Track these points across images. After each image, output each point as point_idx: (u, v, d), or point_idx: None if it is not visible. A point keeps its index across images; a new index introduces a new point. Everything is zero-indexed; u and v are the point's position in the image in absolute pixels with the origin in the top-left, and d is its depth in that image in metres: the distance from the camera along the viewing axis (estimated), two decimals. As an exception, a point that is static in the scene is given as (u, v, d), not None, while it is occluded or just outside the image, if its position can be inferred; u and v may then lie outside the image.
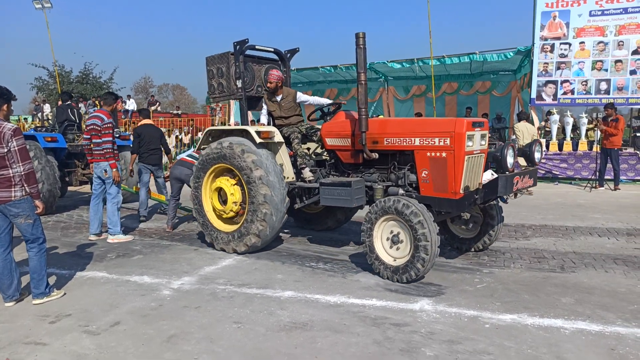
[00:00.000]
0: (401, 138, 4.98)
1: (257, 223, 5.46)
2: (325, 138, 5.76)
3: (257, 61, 6.51)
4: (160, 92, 53.69)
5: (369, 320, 3.76)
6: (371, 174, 5.42)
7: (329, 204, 5.36)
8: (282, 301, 4.22)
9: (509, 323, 3.66)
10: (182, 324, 3.76)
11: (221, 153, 5.73)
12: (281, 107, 6.15)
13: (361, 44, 4.81)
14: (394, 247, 4.64)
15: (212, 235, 5.98)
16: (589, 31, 12.36)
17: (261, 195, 5.37)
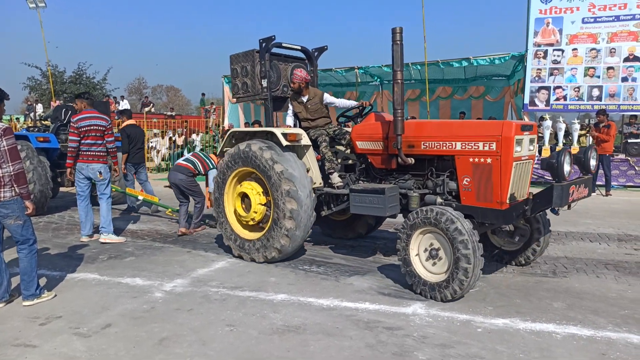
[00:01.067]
0: (440, 142, 4.65)
1: (280, 237, 5.17)
2: (356, 141, 5.44)
3: (283, 60, 6.23)
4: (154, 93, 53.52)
5: (362, 324, 3.76)
6: (405, 181, 5.07)
7: (360, 212, 5.00)
8: (275, 304, 4.21)
9: (501, 327, 3.67)
10: (174, 327, 3.74)
11: (247, 156, 5.41)
12: (307, 109, 5.85)
13: (398, 40, 4.50)
14: (430, 261, 4.28)
15: (231, 240, 5.71)
16: (581, 38, 12.47)
17: (287, 210, 5.06)
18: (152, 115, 22.73)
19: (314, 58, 6.40)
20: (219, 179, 5.78)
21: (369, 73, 16.72)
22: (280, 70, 6.16)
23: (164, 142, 19.63)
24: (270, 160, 5.17)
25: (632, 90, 12.24)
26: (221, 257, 5.81)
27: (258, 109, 20.40)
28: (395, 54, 4.52)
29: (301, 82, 5.74)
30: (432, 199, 4.76)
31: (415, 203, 4.75)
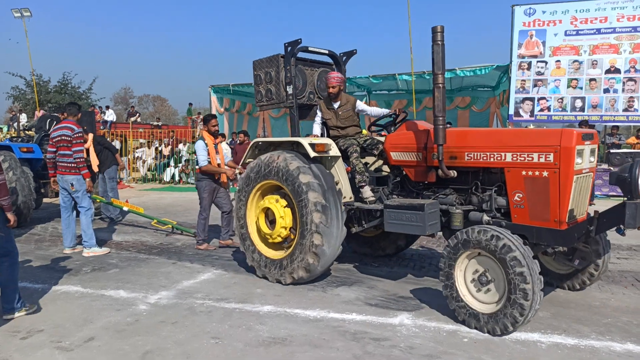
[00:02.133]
0: (487, 153, 4.18)
1: (307, 255, 4.74)
2: (390, 152, 4.96)
3: (309, 65, 5.83)
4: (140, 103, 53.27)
5: (349, 335, 3.75)
6: (446, 195, 4.59)
7: (396, 230, 4.54)
8: (261, 316, 4.17)
9: (487, 337, 3.68)
10: (158, 340, 3.68)
11: (271, 168, 5.04)
12: (338, 116, 5.43)
13: (439, 40, 4.10)
14: (481, 290, 3.79)
15: (253, 259, 5.31)
16: (564, 50, 12.72)
17: (314, 224, 4.66)
18: (138, 125, 22.59)
19: (342, 63, 5.97)
20: (241, 192, 5.41)
21: (355, 84, 16.84)
22: (307, 76, 5.79)
23: (150, 152, 19.50)
24: (296, 172, 4.80)
25: (613, 101, 12.49)
26: (207, 269, 5.76)
27: (242, 119, 20.41)
28: (436, 55, 4.11)
29: (341, 84, 5.35)
30: (478, 217, 4.28)
31: (458, 221, 4.33)
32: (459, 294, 3.84)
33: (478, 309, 3.76)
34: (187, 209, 11.22)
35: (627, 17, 12.28)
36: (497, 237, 3.59)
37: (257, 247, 5.29)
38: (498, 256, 3.58)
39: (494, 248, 3.60)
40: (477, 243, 3.71)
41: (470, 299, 3.83)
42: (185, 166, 18.20)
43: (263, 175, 5.14)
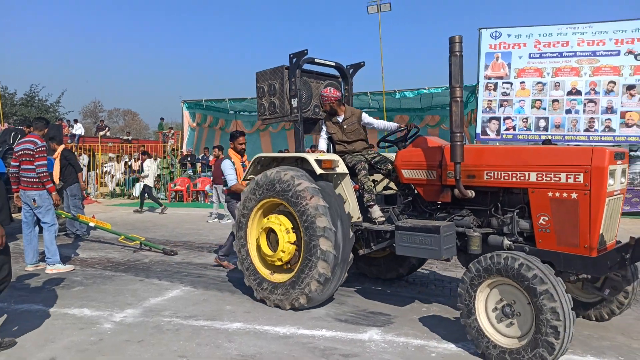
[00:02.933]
0: (509, 172, 3.90)
1: (311, 283, 4.46)
2: (402, 169, 4.67)
3: (315, 77, 5.62)
4: (110, 117, 52.33)
5: (318, 352, 3.74)
6: (463, 217, 4.31)
7: (408, 254, 4.30)
8: (230, 333, 4.12)
9: (454, 352, 3.73)
10: (122, 359, 3.59)
11: (274, 186, 4.74)
12: (343, 130, 5.19)
13: (457, 51, 3.85)
14: (504, 321, 3.48)
15: (252, 280, 4.99)
16: (528, 72, 13.19)
17: (321, 252, 4.40)
18: (107, 140, 22.17)
19: (349, 75, 5.78)
20: (242, 210, 5.10)
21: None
22: (312, 88, 5.57)
23: (119, 167, 19.13)
24: (304, 193, 4.50)
25: (575, 121, 12.99)
26: (175, 286, 5.66)
27: (213, 134, 20.30)
28: (454, 66, 3.87)
29: (331, 102, 5.12)
30: (498, 241, 3.99)
31: (476, 244, 4.04)
32: (479, 325, 3.53)
33: (502, 343, 3.43)
34: (156, 224, 11.03)
35: (587, 42, 12.86)
36: (528, 267, 3.27)
37: (257, 268, 4.98)
38: (527, 288, 3.26)
39: (522, 278, 3.27)
40: (503, 271, 3.39)
41: (491, 330, 3.51)
42: (157, 181, 17.91)
43: (266, 192, 4.85)
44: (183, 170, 17.75)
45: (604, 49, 12.74)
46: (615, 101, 12.66)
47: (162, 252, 7.54)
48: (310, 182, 4.58)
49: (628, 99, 12.55)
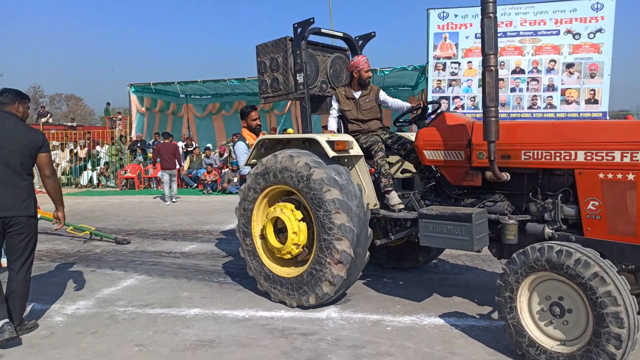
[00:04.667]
0: (552, 151, 3.44)
1: (323, 283, 4.06)
2: (423, 150, 4.18)
3: (321, 50, 5.09)
4: (52, 102, 49.71)
5: (277, 332, 3.79)
6: (495, 202, 3.85)
7: (434, 245, 3.90)
8: (187, 319, 4.10)
9: (408, 324, 3.88)
10: (76, 352, 3.51)
11: (281, 171, 4.28)
12: (359, 107, 4.74)
13: (491, 12, 3.40)
14: (552, 323, 3.07)
15: (257, 272, 4.60)
16: (475, 52, 13.57)
17: (337, 251, 3.96)
18: (50, 127, 21.10)
19: (358, 47, 5.25)
20: (246, 197, 4.65)
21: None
22: (319, 62, 5.04)
23: (64, 155, 18.33)
24: (319, 182, 4.03)
25: (519, 99, 13.52)
26: (130, 275, 5.55)
27: (165, 119, 19.75)
28: (487, 30, 3.40)
29: (362, 70, 4.67)
30: (538, 229, 3.59)
31: (512, 233, 3.60)
32: (522, 326, 3.13)
33: (550, 347, 3.04)
34: (107, 213, 10.70)
35: (529, 21, 13.35)
36: (586, 263, 2.85)
37: (262, 260, 4.58)
38: (584, 287, 2.85)
39: (579, 277, 2.86)
40: (556, 266, 2.95)
41: (535, 331, 3.12)
42: (105, 169, 17.31)
43: (271, 179, 4.39)
44: (133, 156, 17.21)
45: (545, 29, 13.28)
46: (556, 79, 13.27)
47: (114, 242, 7.34)
48: (327, 171, 4.08)
49: (567, 76, 13.18)
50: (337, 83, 5.18)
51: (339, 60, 5.23)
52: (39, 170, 3.82)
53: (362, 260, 4.25)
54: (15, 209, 3.63)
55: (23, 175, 3.70)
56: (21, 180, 3.69)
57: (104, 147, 18.11)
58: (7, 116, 3.75)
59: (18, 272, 3.73)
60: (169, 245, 7.14)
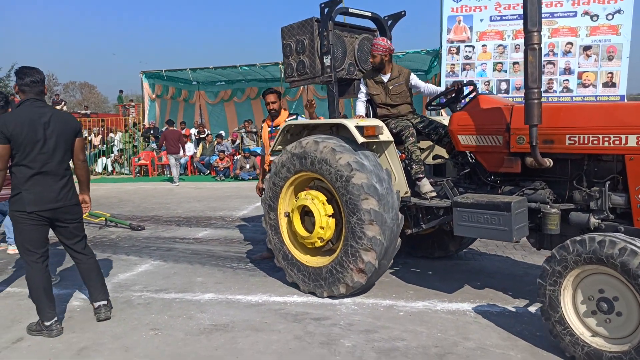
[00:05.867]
0: (600, 135, 3.23)
1: (354, 272, 3.92)
2: (458, 135, 4.00)
3: (348, 30, 4.87)
4: (66, 90, 50.15)
5: (290, 317, 3.81)
6: (535, 190, 3.68)
7: (469, 235, 3.75)
8: (202, 304, 4.15)
9: (421, 310, 3.88)
10: (93, 335, 3.57)
11: (308, 158, 4.13)
12: (388, 91, 4.55)
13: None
14: (598, 318, 2.86)
15: (284, 262, 4.48)
16: (489, 35, 13.31)
17: (367, 238, 3.80)
18: (64, 114, 21.30)
19: (387, 28, 5.00)
20: (278, 173, 4.48)
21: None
22: (346, 43, 4.83)
23: (79, 143, 18.50)
24: (346, 167, 3.87)
25: (535, 83, 13.29)
26: (144, 260, 5.61)
27: (177, 106, 19.80)
28: (531, 6, 3.19)
29: (384, 54, 4.46)
30: (582, 218, 3.40)
31: (554, 223, 3.43)
32: (567, 323, 2.93)
33: (597, 344, 2.82)
34: (121, 200, 10.82)
35: (545, 3, 13.00)
36: (632, 252, 2.63)
37: (290, 250, 4.46)
38: (631, 276, 2.63)
39: (625, 265, 2.64)
40: (600, 259, 2.74)
41: (581, 329, 2.92)
42: (119, 156, 17.46)
43: (298, 166, 4.25)
44: (146, 143, 17.33)
45: (562, 11, 12.96)
46: (573, 62, 12.98)
47: (128, 228, 7.43)
48: (354, 156, 3.93)
49: (585, 59, 12.89)
50: (365, 65, 4.98)
51: (367, 41, 4.99)
52: (73, 155, 3.78)
53: (384, 270, 4.15)
54: (64, 198, 3.63)
55: (66, 164, 3.70)
56: (66, 169, 3.68)
57: (118, 135, 18.25)
58: (42, 104, 3.65)
59: (84, 251, 3.84)
60: (183, 232, 7.20)
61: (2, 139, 3.36)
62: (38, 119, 3.49)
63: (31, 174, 3.46)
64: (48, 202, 3.52)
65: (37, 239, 3.56)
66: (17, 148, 3.41)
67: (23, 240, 3.53)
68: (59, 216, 3.62)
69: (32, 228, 3.51)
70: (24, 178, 3.45)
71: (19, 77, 3.55)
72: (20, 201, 3.46)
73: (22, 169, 3.45)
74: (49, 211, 3.54)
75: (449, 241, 5.08)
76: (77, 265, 3.86)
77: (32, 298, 3.62)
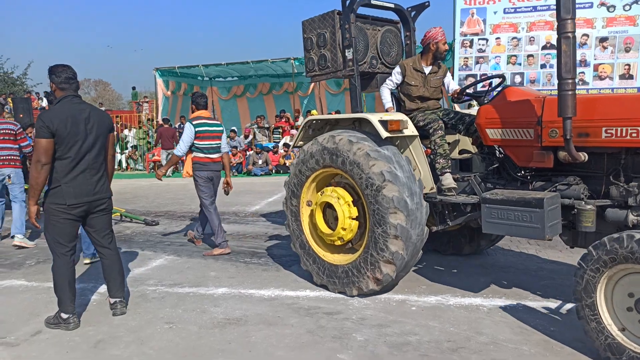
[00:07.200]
0: (639, 127, 3.06)
1: (381, 263, 3.79)
2: (486, 128, 3.85)
3: (370, 23, 4.77)
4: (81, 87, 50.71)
5: (303, 311, 3.84)
6: (569, 186, 3.50)
7: (499, 232, 3.65)
8: (215, 298, 4.19)
9: (433, 304, 3.87)
10: (109, 329, 3.64)
11: (330, 153, 4.04)
12: (427, 83, 4.42)
13: None
14: (634, 318, 2.73)
15: (310, 263, 4.38)
16: (503, 27, 13.15)
17: (391, 226, 3.69)
18: (79, 111, 21.56)
19: (410, 19, 4.92)
20: (306, 162, 4.36)
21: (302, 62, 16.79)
22: (368, 36, 4.73)
23: (94, 139, 18.74)
24: (365, 159, 3.81)
25: (550, 76, 13.09)
26: (159, 255, 5.68)
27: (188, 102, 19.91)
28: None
29: (439, 41, 4.32)
30: (619, 215, 3.26)
31: (589, 220, 3.28)
32: (596, 310, 2.81)
33: (621, 340, 2.73)
34: (136, 195, 10.95)
35: (561, -6, 12.83)
36: None
37: (315, 250, 4.37)
38: None
39: None
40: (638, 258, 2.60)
41: (610, 320, 2.80)
42: (133, 152, 17.64)
43: (320, 161, 4.17)
44: (160, 140, 17.46)
45: (578, 2, 12.69)
46: (589, 54, 12.77)
47: (143, 223, 7.52)
48: (371, 144, 3.88)
49: (601, 51, 12.67)
50: (388, 58, 4.88)
51: (389, 33, 4.87)
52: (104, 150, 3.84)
53: (422, 235, 3.98)
54: (100, 191, 3.73)
55: (102, 157, 3.78)
56: (101, 162, 3.77)
57: (132, 131, 18.43)
58: (80, 100, 3.74)
59: (110, 245, 3.90)
60: (196, 227, 7.26)
61: (47, 134, 3.44)
62: (79, 114, 3.59)
63: (71, 167, 3.55)
64: (86, 194, 3.62)
65: (69, 232, 3.64)
66: (60, 143, 3.49)
67: (55, 233, 3.61)
68: (94, 209, 3.72)
69: (66, 222, 3.60)
70: (64, 172, 3.54)
71: (55, 75, 3.63)
72: (59, 194, 3.54)
73: (63, 162, 3.54)
74: (86, 204, 3.63)
75: (479, 238, 4.92)
76: (101, 260, 3.93)
77: (56, 289, 3.68)
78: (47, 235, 3.66)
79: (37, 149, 3.45)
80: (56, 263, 3.66)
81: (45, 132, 3.43)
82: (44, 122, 3.43)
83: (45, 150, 3.45)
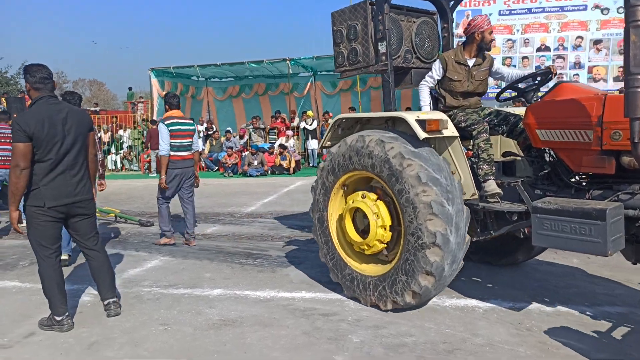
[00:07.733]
0: None
1: (419, 275, 3.44)
2: (536, 129, 3.50)
3: (405, 14, 4.45)
4: (75, 87, 50.49)
5: (298, 313, 3.83)
6: (633, 195, 3.13)
7: (551, 246, 3.36)
8: (210, 300, 4.17)
9: (429, 306, 3.87)
10: (103, 330, 3.61)
11: (362, 155, 3.73)
12: (471, 77, 4.04)
13: None
14: None
15: (339, 273, 4.07)
16: (498, 29, 13.19)
17: (429, 234, 3.35)
18: (74, 111, 21.46)
19: (448, 10, 4.60)
20: (321, 185, 4.15)
21: (300, 64, 16.77)
22: (402, 28, 4.39)
23: (89, 139, 18.65)
24: (399, 161, 3.47)
25: (544, 78, 13.18)
26: (154, 256, 5.65)
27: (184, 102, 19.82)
28: None
29: (484, 30, 3.95)
30: None
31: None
32: None
33: None
34: (131, 196, 10.90)
35: (555, -4, 12.90)
36: None
37: (345, 260, 4.06)
38: None
39: None
40: None
41: None
42: (128, 152, 17.57)
43: (348, 165, 3.88)
44: (155, 140, 17.42)
45: (572, 4, 12.81)
46: (583, 56, 12.84)
47: (138, 224, 7.49)
48: (405, 145, 3.54)
49: (595, 53, 12.74)
50: (423, 52, 4.55)
51: (425, 25, 4.55)
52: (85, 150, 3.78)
53: (462, 243, 3.64)
54: (81, 192, 3.66)
55: (82, 158, 3.71)
56: (81, 163, 3.70)
57: (127, 131, 18.36)
58: (56, 100, 3.66)
59: (96, 247, 3.87)
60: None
61: (24, 138, 3.36)
62: (56, 115, 3.52)
63: (50, 169, 3.49)
64: (66, 196, 3.56)
65: (51, 234, 3.59)
66: (38, 146, 3.42)
67: (37, 236, 3.56)
68: (75, 211, 3.66)
69: (47, 224, 3.54)
70: (42, 174, 3.48)
71: (30, 75, 3.55)
72: (38, 197, 3.49)
73: (41, 165, 3.48)
74: (65, 206, 3.57)
75: (518, 249, 4.56)
76: (88, 262, 3.89)
77: (45, 293, 3.65)
78: (30, 238, 3.61)
79: (15, 154, 3.37)
80: (42, 266, 3.61)
81: (22, 136, 3.35)
82: (20, 126, 3.34)
83: (24, 154, 3.37)
